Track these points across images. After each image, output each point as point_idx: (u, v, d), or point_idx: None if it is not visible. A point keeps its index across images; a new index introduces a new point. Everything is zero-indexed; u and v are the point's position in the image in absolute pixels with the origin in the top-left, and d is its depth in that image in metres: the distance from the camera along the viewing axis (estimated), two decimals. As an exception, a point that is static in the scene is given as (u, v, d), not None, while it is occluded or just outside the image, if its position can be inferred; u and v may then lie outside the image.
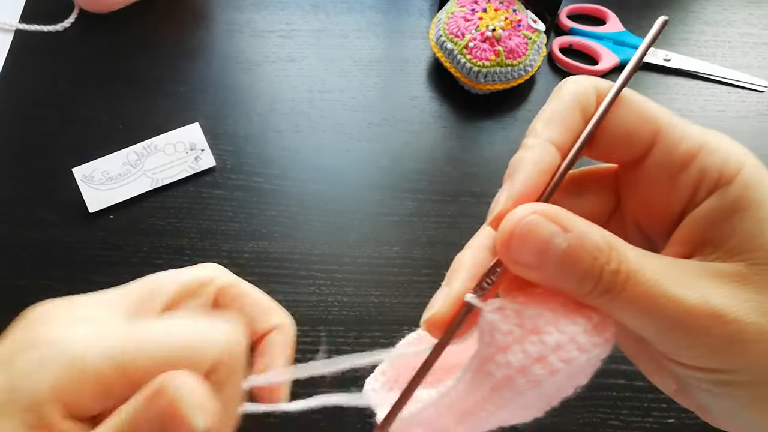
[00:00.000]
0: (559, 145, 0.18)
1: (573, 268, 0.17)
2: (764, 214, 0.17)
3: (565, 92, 0.19)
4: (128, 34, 0.60)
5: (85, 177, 0.51)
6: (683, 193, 0.18)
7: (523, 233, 0.17)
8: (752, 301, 0.17)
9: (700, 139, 0.18)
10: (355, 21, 0.61)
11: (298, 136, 0.55)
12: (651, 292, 0.16)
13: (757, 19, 0.62)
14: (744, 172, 0.18)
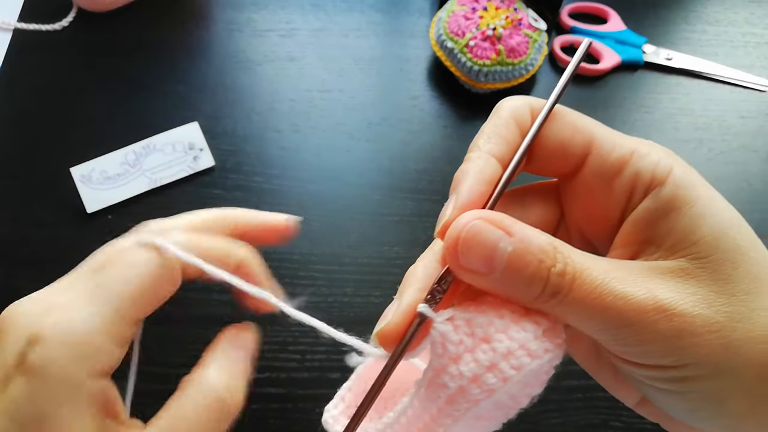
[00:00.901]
0: (499, 157, 0.19)
1: (520, 272, 0.17)
2: (697, 210, 0.18)
3: (503, 110, 0.20)
4: (127, 33, 0.60)
5: (83, 177, 0.50)
6: (620, 198, 0.19)
7: (469, 238, 0.17)
8: (697, 294, 0.17)
9: (631, 146, 0.19)
10: (355, 20, 0.61)
11: (298, 136, 0.54)
12: (598, 291, 0.17)
13: (759, 19, 0.62)
14: (674, 173, 0.18)
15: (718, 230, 0.18)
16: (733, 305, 0.17)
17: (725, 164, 0.54)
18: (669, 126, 0.56)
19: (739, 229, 0.18)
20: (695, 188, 0.18)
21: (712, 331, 0.17)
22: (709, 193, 0.18)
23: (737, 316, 0.17)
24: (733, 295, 0.17)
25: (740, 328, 0.17)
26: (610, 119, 0.56)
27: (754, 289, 0.17)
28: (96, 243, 0.51)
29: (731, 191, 0.52)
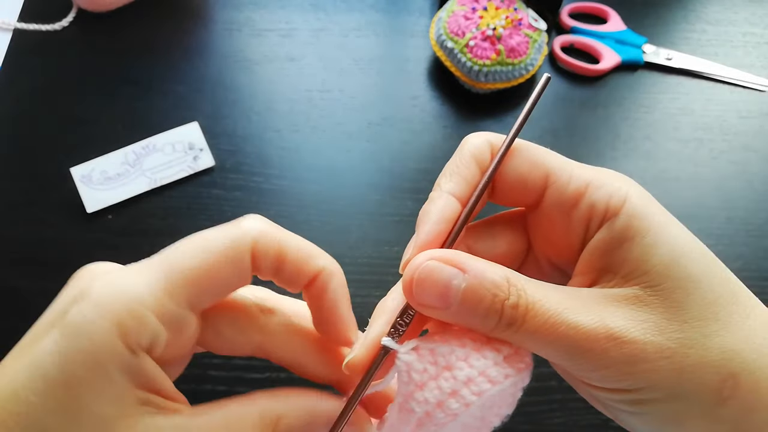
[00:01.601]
0: (459, 196, 0.20)
1: (475, 306, 0.18)
2: (649, 240, 0.18)
3: (464, 149, 0.21)
4: (127, 33, 0.60)
5: (83, 177, 0.50)
6: (578, 228, 0.20)
7: (422, 278, 0.18)
8: (648, 321, 0.18)
9: (587, 177, 0.20)
10: (354, 20, 0.61)
11: (298, 136, 0.54)
12: (551, 322, 0.18)
13: (760, 19, 0.62)
14: (628, 203, 0.19)
15: (670, 259, 0.18)
16: (686, 332, 0.18)
17: (726, 164, 0.54)
18: (669, 126, 0.56)
19: (691, 256, 0.19)
20: (648, 218, 0.19)
21: (664, 357, 0.18)
22: (663, 222, 0.19)
23: (690, 342, 0.18)
24: (685, 322, 0.18)
25: (693, 354, 0.18)
26: (610, 120, 0.56)
27: (707, 315, 0.18)
28: (96, 243, 0.51)
29: (732, 191, 0.52)
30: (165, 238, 0.52)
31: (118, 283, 0.17)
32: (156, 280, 0.17)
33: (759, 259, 0.49)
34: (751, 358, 0.18)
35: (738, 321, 0.18)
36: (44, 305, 0.52)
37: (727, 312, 0.18)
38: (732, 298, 0.19)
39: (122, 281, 0.17)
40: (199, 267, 0.18)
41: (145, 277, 0.17)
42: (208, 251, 0.18)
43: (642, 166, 0.53)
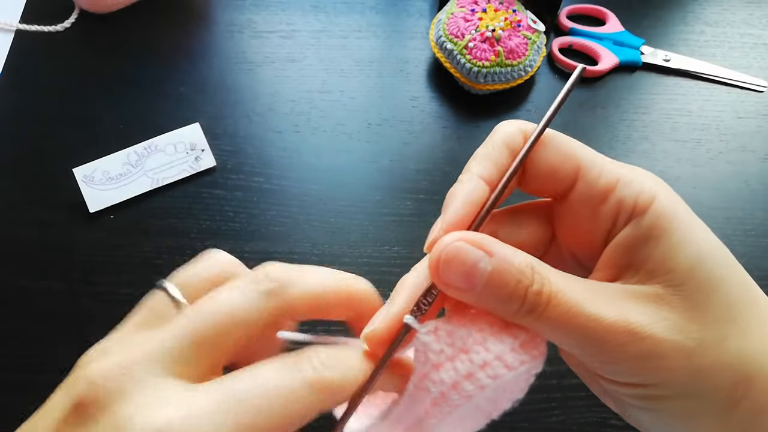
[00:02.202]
0: (488, 179, 0.20)
1: (499, 290, 0.18)
2: (675, 240, 0.19)
3: (496, 135, 0.22)
4: (128, 34, 0.60)
5: (85, 177, 0.51)
6: (604, 223, 0.20)
7: (449, 258, 0.18)
8: (668, 320, 0.18)
9: (617, 173, 0.20)
10: (355, 21, 0.62)
11: (299, 137, 0.55)
12: (572, 312, 0.18)
13: (757, 20, 0.62)
14: (656, 202, 0.19)
15: (694, 259, 0.18)
16: (704, 332, 0.18)
17: (723, 164, 0.54)
18: (667, 127, 0.56)
19: (715, 259, 0.19)
20: (676, 218, 0.19)
21: (681, 356, 0.18)
22: (690, 223, 0.19)
23: (707, 342, 0.18)
24: (704, 323, 0.18)
25: (709, 354, 0.18)
26: (608, 120, 0.56)
27: (726, 318, 0.18)
28: (98, 242, 0.52)
29: (729, 191, 0.53)
30: (166, 238, 0.53)
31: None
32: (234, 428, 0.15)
33: (757, 259, 0.50)
34: (766, 362, 0.18)
35: (756, 326, 0.19)
36: (46, 304, 0.52)
37: (745, 316, 0.19)
38: (751, 303, 0.19)
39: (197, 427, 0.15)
40: (280, 420, 0.16)
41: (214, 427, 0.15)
42: (278, 414, 0.16)
43: (640, 167, 0.54)
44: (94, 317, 0.46)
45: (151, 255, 0.49)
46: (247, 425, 0.15)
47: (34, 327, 0.46)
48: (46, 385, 0.47)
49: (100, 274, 0.48)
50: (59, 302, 0.47)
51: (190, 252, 0.51)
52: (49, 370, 0.44)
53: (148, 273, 0.48)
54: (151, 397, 0.16)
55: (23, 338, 0.45)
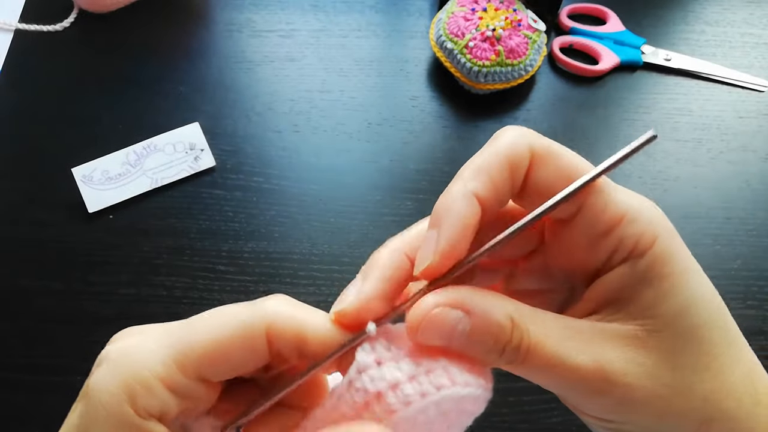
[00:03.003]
0: (483, 198, 0.19)
1: (478, 346, 0.18)
2: (666, 287, 0.19)
3: (500, 144, 0.20)
4: (127, 33, 0.60)
5: (84, 177, 0.50)
6: (601, 256, 0.20)
7: (429, 326, 0.18)
8: (643, 365, 0.18)
9: (624, 207, 0.19)
10: (355, 21, 0.61)
11: (298, 136, 0.55)
12: (551, 362, 0.18)
13: (758, 19, 0.62)
14: (656, 245, 0.19)
15: (680, 308, 0.19)
16: (676, 379, 0.19)
17: (724, 164, 0.54)
18: (668, 126, 0.56)
19: (700, 307, 0.19)
20: (671, 262, 0.19)
21: (650, 403, 0.18)
22: (685, 268, 0.19)
23: (677, 389, 0.19)
24: (677, 369, 0.19)
25: (678, 401, 0.19)
26: (609, 120, 0.56)
27: (699, 365, 0.19)
28: (97, 242, 0.51)
29: (730, 191, 0.53)
30: (166, 237, 0.53)
31: (133, 351, 0.18)
32: (169, 351, 0.18)
33: (757, 259, 0.49)
34: (730, 407, 0.19)
35: (727, 371, 0.19)
36: (46, 304, 0.52)
37: (719, 362, 0.19)
38: (727, 348, 0.19)
39: (137, 349, 0.18)
40: (211, 343, 0.18)
41: (159, 347, 0.18)
42: (221, 329, 0.18)
43: (640, 166, 0.54)
44: (94, 317, 0.46)
45: (151, 255, 0.49)
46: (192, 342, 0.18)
47: (33, 327, 0.46)
48: (45, 385, 0.47)
49: (99, 274, 0.48)
50: (58, 302, 0.47)
51: (189, 252, 0.52)
52: (49, 370, 0.44)
53: (147, 273, 0.48)
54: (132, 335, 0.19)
55: (23, 338, 0.45)
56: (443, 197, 0.20)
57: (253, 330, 0.18)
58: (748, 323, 0.47)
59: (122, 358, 0.18)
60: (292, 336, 0.19)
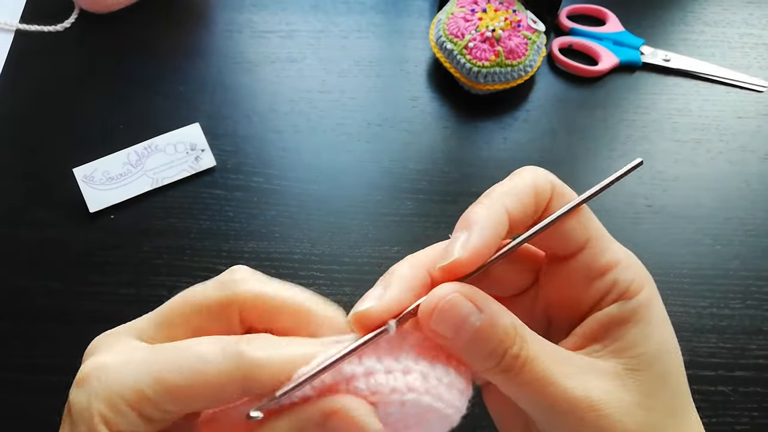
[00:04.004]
0: (511, 215, 0.21)
1: (482, 345, 0.19)
2: (648, 330, 0.21)
3: (526, 175, 0.22)
4: (128, 34, 0.60)
5: (85, 177, 0.51)
6: (594, 295, 0.21)
7: (445, 309, 0.19)
8: (623, 401, 0.20)
9: (619, 255, 0.22)
10: (355, 21, 0.62)
11: (298, 137, 0.55)
12: (543, 381, 0.19)
13: (757, 20, 0.62)
14: (644, 292, 0.21)
15: (658, 352, 0.21)
16: (648, 420, 0.20)
17: (723, 164, 0.54)
18: (667, 126, 0.56)
19: (671, 356, 0.21)
20: (653, 311, 0.21)
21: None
22: (663, 319, 0.21)
23: (649, 429, 0.20)
24: (650, 411, 0.20)
25: None
26: (608, 120, 0.56)
27: (669, 410, 0.21)
28: (98, 242, 0.52)
29: (729, 191, 0.53)
30: (166, 237, 0.53)
31: (108, 377, 0.18)
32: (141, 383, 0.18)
33: (756, 259, 0.50)
34: None
35: (687, 422, 0.21)
36: (47, 304, 0.52)
37: (682, 412, 0.21)
38: (688, 403, 0.22)
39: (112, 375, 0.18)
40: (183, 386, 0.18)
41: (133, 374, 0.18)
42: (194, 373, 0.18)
43: (640, 167, 0.54)
44: (94, 317, 0.46)
45: (151, 255, 0.49)
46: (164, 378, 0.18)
47: (34, 327, 0.46)
48: (46, 385, 0.47)
49: (100, 273, 0.48)
50: (59, 302, 0.47)
51: (189, 252, 0.52)
52: (49, 370, 0.44)
53: (148, 273, 0.48)
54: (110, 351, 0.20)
55: (23, 338, 0.46)
56: (474, 207, 0.21)
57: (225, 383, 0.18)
58: (747, 323, 0.47)
59: (98, 381, 0.18)
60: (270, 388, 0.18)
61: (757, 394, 0.44)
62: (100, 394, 0.18)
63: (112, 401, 0.18)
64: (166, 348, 0.19)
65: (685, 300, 0.48)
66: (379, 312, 0.20)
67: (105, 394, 0.18)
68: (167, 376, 0.18)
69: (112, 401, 0.18)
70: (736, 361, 0.45)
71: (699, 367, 0.45)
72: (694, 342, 0.46)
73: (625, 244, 0.23)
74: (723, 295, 0.48)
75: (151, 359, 0.19)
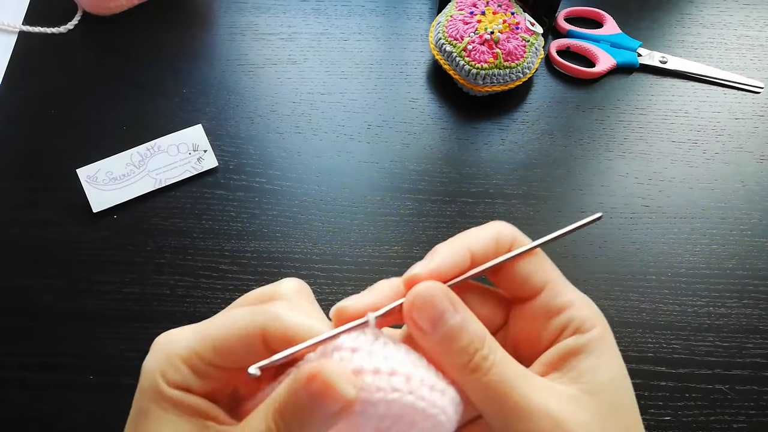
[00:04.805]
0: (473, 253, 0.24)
1: (454, 342, 0.21)
2: (602, 360, 0.23)
3: (491, 225, 0.25)
4: (131, 36, 0.61)
5: (89, 177, 0.51)
6: (553, 331, 0.24)
7: (426, 297, 0.22)
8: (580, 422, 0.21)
9: (574, 297, 0.24)
10: (355, 24, 0.62)
11: (300, 138, 0.55)
12: (509, 384, 0.21)
13: (754, 21, 0.63)
14: (597, 328, 0.23)
15: (611, 381, 0.23)
16: None
17: (720, 165, 0.55)
18: (664, 128, 0.57)
19: (624, 388, 0.23)
20: (606, 346, 0.23)
21: None
22: (615, 353, 0.24)
23: None
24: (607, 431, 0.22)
25: None
26: (605, 121, 0.57)
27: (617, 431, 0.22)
28: (102, 242, 0.52)
29: (726, 192, 0.53)
30: (169, 237, 0.53)
31: (169, 339, 0.23)
32: (191, 341, 0.22)
33: (752, 258, 0.50)
34: None
35: None
36: (51, 303, 0.53)
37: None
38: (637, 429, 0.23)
39: (172, 337, 0.23)
40: (218, 339, 0.22)
41: (186, 336, 0.23)
42: (226, 328, 0.22)
43: (637, 167, 0.54)
44: (98, 316, 0.47)
45: (154, 255, 0.49)
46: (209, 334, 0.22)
47: (38, 326, 0.46)
48: (49, 385, 0.48)
49: (104, 273, 0.48)
50: (63, 301, 0.47)
51: (192, 252, 0.53)
52: (53, 368, 0.45)
53: (151, 272, 0.48)
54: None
55: (27, 337, 0.46)
56: (440, 244, 0.24)
57: (248, 333, 0.22)
58: (744, 322, 0.47)
59: (161, 344, 0.23)
60: (281, 341, 0.22)
61: (754, 393, 0.45)
62: (163, 355, 0.22)
63: (170, 359, 0.22)
64: (213, 317, 0.23)
65: (682, 299, 0.48)
66: (356, 308, 0.22)
67: (166, 354, 0.22)
68: (211, 332, 0.22)
69: (171, 359, 0.22)
70: (733, 360, 0.46)
71: (696, 366, 0.45)
72: (692, 341, 0.46)
73: (623, 244, 0.24)
74: (720, 295, 0.48)
75: (201, 325, 0.23)
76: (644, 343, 0.46)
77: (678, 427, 0.43)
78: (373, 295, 0.23)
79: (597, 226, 0.49)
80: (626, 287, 0.48)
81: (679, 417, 0.44)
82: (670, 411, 0.44)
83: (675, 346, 0.46)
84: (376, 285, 0.24)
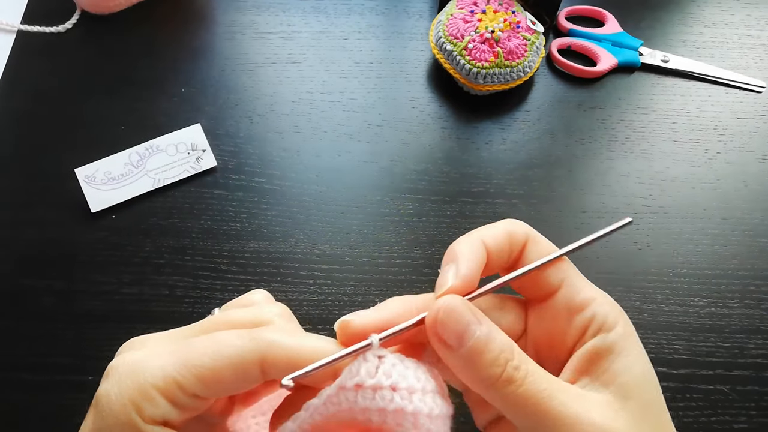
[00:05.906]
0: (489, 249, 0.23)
1: (484, 354, 0.20)
2: (630, 359, 0.22)
3: (502, 222, 0.24)
4: (130, 35, 0.61)
5: (87, 177, 0.51)
6: (576, 330, 0.23)
7: (449, 311, 0.21)
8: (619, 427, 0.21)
9: (593, 293, 0.24)
10: (355, 23, 0.62)
11: (299, 137, 0.55)
12: (546, 393, 0.20)
13: (755, 21, 0.63)
14: (620, 325, 0.23)
15: (640, 379, 0.22)
16: None
17: (722, 164, 0.54)
18: (665, 127, 0.56)
19: (653, 385, 0.23)
20: (632, 341, 0.23)
21: None
22: (640, 349, 0.23)
23: None
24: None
25: None
26: (607, 121, 0.57)
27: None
28: (100, 242, 0.52)
29: (728, 192, 0.53)
30: (168, 237, 0.53)
31: (138, 366, 0.20)
32: (171, 370, 0.20)
33: (754, 259, 0.50)
34: None
35: None
36: (49, 303, 0.52)
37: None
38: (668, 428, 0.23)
39: (142, 364, 0.20)
40: (206, 370, 0.20)
41: (162, 364, 0.20)
42: (216, 357, 0.20)
43: (638, 167, 0.54)
44: (96, 316, 0.46)
45: (153, 255, 0.49)
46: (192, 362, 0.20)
47: (36, 326, 0.46)
48: (48, 385, 0.48)
49: (102, 273, 0.48)
50: (61, 301, 0.47)
51: (191, 252, 0.52)
52: (51, 369, 0.45)
53: (150, 272, 0.48)
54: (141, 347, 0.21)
55: (25, 337, 0.46)
56: (456, 243, 0.23)
57: (244, 361, 0.20)
58: (745, 322, 0.47)
59: (129, 371, 0.20)
60: (284, 366, 0.20)
61: (755, 393, 0.44)
62: (133, 384, 0.19)
63: (143, 389, 0.19)
64: (192, 340, 0.21)
65: (683, 299, 0.48)
66: (362, 323, 0.21)
67: (136, 383, 0.19)
68: (194, 360, 0.20)
69: (144, 389, 0.19)
70: (735, 360, 0.45)
71: (698, 367, 0.45)
72: (693, 341, 0.46)
73: (624, 244, 0.24)
74: (721, 295, 0.48)
75: (179, 349, 0.20)
76: (645, 343, 0.46)
77: (679, 427, 0.43)
78: (381, 313, 0.22)
79: (598, 226, 0.49)
80: (627, 287, 0.48)
81: (681, 418, 0.43)
82: (672, 412, 0.43)
83: (676, 347, 0.46)
84: (386, 302, 0.23)
